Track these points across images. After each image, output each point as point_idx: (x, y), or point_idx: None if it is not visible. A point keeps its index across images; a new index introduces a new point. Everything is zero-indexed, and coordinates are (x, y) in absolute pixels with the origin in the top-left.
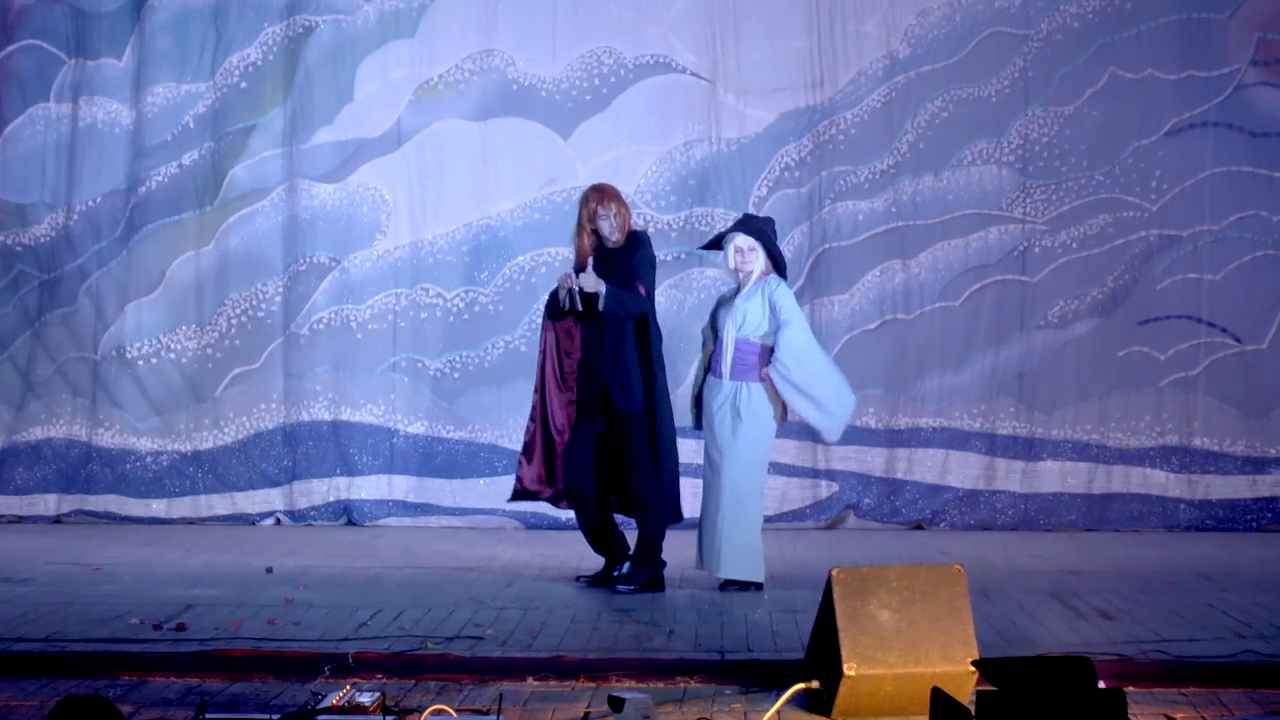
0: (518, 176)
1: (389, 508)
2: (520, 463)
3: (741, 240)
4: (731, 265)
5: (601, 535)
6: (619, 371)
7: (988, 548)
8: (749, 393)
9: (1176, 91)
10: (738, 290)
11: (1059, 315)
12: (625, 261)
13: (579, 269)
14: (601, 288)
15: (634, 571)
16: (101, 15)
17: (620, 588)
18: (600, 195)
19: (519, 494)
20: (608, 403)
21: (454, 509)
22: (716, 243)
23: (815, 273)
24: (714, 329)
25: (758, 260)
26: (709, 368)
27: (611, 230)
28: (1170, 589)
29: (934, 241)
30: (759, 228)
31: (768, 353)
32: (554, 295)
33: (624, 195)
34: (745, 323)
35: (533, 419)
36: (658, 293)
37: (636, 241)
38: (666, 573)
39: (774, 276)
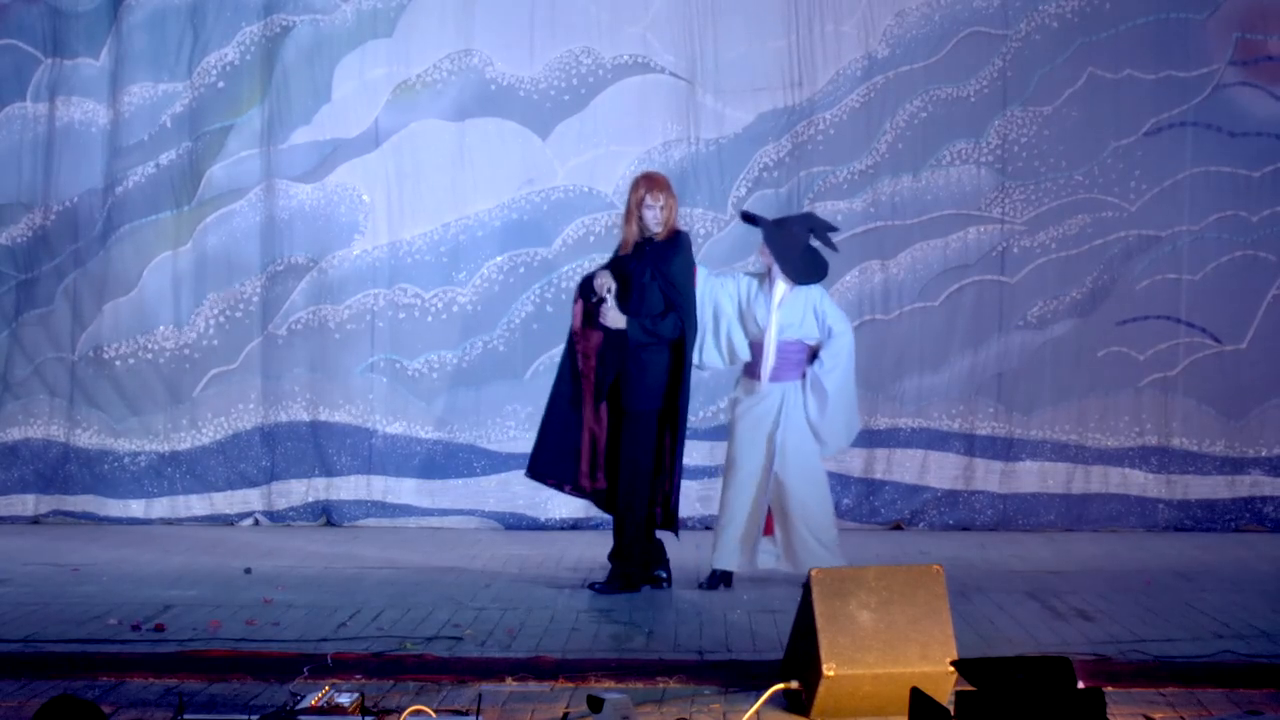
0: (496, 177)
1: (367, 508)
2: (550, 447)
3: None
4: (758, 255)
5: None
6: (637, 369)
7: (966, 548)
8: (794, 393)
9: (1155, 91)
10: (764, 281)
11: (1038, 315)
12: (664, 262)
13: (621, 254)
14: (623, 323)
15: (610, 573)
16: (78, 14)
17: (596, 586)
18: (650, 183)
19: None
20: (618, 396)
21: (432, 509)
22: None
23: None
24: (741, 321)
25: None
26: (746, 370)
27: (656, 222)
28: (1148, 589)
29: (913, 242)
30: (779, 234)
31: (812, 352)
32: (587, 284)
33: (673, 189)
34: (788, 326)
35: (572, 411)
36: None
37: (677, 242)
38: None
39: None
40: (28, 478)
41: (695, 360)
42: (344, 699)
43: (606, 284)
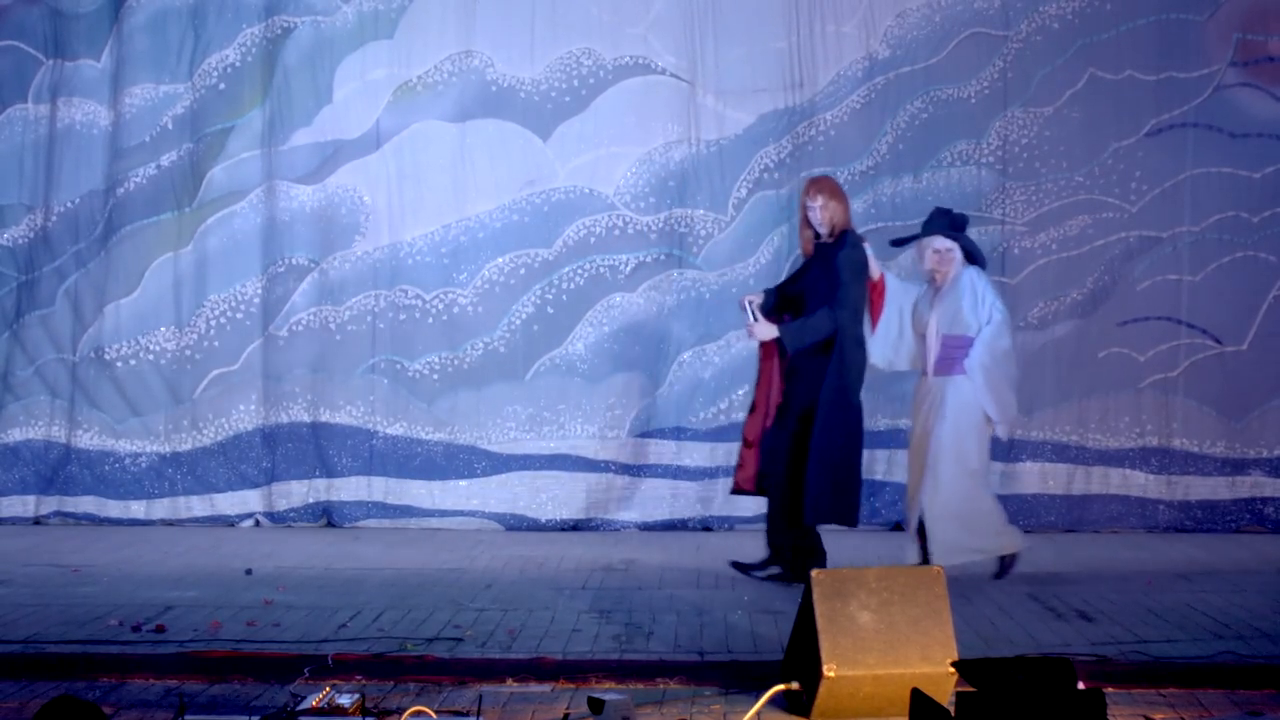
0: (496, 178)
1: (368, 509)
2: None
3: (940, 243)
4: (927, 266)
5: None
6: (797, 378)
7: None
8: (954, 387)
9: (1156, 92)
10: (930, 285)
11: (1038, 316)
12: (829, 260)
13: (803, 260)
14: (774, 333)
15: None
16: (79, 16)
17: (756, 574)
18: (808, 186)
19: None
20: (788, 405)
21: (433, 510)
22: (906, 239)
23: None
24: (914, 324)
25: (955, 261)
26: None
27: (817, 223)
28: (1149, 590)
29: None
30: (955, 224)
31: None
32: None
33: (839, 190)
34: (954, 319)
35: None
36: (637, 294)
37: (843, 240)
38: (648, 572)
39: (974, 268)
40: (28, 479)
41: (872, 357)
42: (344, 700)
43: (751, 300)
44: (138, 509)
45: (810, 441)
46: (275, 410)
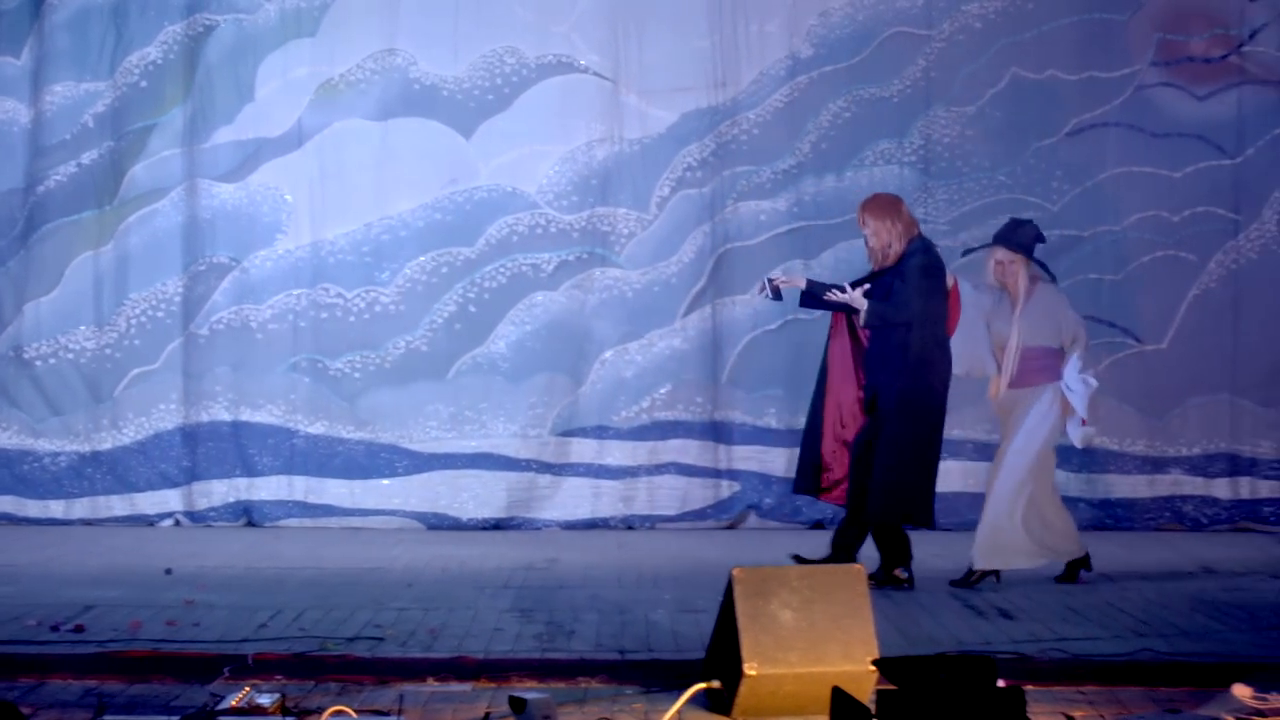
0: (419, 176)
1: (289, 508)
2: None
3: (1001, 253)
4: (991, 279)
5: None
6: (885, 374)
7: None
8: (1035, 397)
9: (1077, 92)
10: (1002, 297)
11: None
12: (900, 267)
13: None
14: (862, 303)
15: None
16: (0, 13)
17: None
18: (859, 209)
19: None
20: (874, 402)
21: (354, 510)
22: (976, 248)
23: (717, 273)
24: (988, 333)
25: (1020, 273)
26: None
27: (873, 244)
28: (1069, 588)
29: (836, 241)
30: (1019, 240)
31: (1057, 355)
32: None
33: (881, 208)
34: (1033, 331)
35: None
36: (559, 293)
37: (907, 248)
38: (570, 571)
39: (1053, 285)
40: None
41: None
42: (265, 699)
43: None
44: (57, 508)
45: (881, 441)
46: (196, 409)
